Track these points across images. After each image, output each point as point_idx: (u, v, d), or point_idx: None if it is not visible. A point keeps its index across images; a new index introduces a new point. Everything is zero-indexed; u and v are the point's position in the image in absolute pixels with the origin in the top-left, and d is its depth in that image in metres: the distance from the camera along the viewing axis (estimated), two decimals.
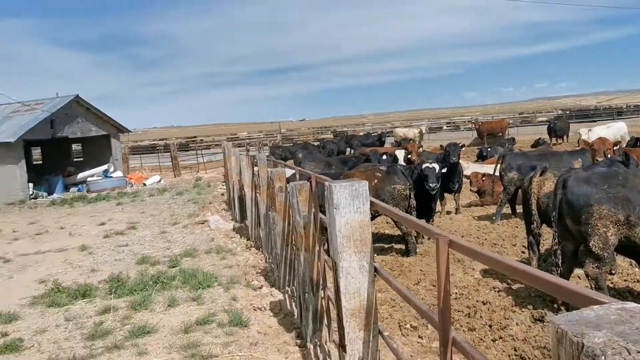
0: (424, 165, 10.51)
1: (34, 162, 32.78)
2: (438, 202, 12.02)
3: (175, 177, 30.35)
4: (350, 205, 3.41)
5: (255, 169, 11.02)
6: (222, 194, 19.95)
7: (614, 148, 11.38)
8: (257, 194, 10.58)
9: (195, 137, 78.41)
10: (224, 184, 22.88)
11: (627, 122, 31.57)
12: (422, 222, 3.08)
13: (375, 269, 3.50)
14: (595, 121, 38.01)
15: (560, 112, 55.61)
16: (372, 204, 3.50)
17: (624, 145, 15.70)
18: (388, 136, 37.57)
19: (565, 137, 32.40)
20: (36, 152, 35.61)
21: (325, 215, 4.12)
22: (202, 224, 13.84)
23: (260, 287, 8.15)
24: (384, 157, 15.07)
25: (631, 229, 5.99)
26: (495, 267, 2.12)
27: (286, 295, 7.47)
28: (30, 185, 24.70)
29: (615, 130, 23.71)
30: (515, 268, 1.85)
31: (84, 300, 7.92)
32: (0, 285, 9.38)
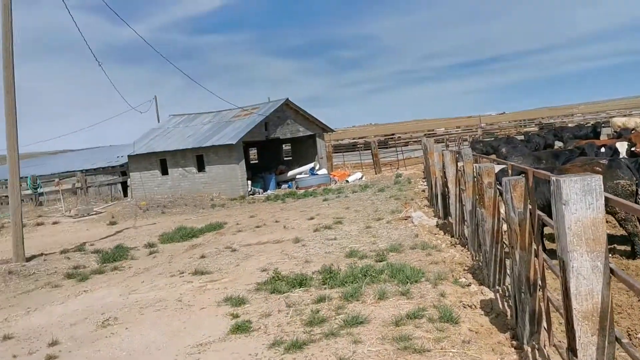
0: None
1: (251, 162, 36.13)
2: None
3: (376, 173, 31.13)
4: (582, 201, 3.19)
5: (459, 164, 10.83)
6: (423, 191, 19.95)
7: None
8: (462, 190, 10.39)
9: (393, 134, 79.54)
10: (424, 180, 22.86)
11: None
12: None
13: (612, 270, 3.22)
14: None
15: None
16: (607, 200, 3.23)
17: None
18: (604, 127, 34.17)
19: None
20: (252, 153, 39.22)
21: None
22: (405, 219, 14.00)
23: (469, 285, 7.99)
24: (602, 150, 13.74)
25: None
26: None
27: (497, 294, 7.23)
28: (249, 182, 27.30)
29: None
30: None
31: (301, 288, 8.53)
32: (229, 272, 10.52)
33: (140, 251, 13.92)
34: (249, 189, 27.08)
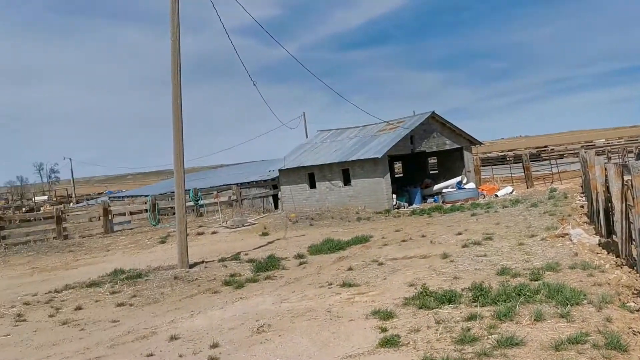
0: None
1: (396, 175, 36.10)
2: None
3: (527, 188, 29.56)
4: None
5: (626, 178, 9.91)
6: (582, 206, 18.57)
7: None
8: (629, 207, 9.49)
9: (545, 146, 75.13)
10: (582, 195, 21.30)
11: None
12: None
13: None
14: None
15: None
16: None
17: None
18: None
19: None
20: (397, 166, 39.20)
21: None
22: (563, 237, 13.11)
23: (639, 310, 7.27)
24: None
25: None
26: None
27: None
28: (394, 196, 27.29)
29: None
30: None
31: (450, 305, 8.32)
32: (377, 285, 10.57)
33: (291, 262, 14.48)
34: (394, 203, 27.06)
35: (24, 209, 67.86)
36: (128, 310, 10.99)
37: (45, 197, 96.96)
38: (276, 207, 33.70)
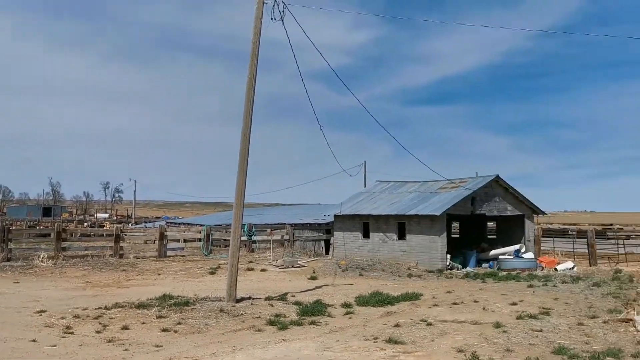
0: None
1: (452, 235, 35.35)
2: None
3: (590, 265, 28.26)
4: None
5: None
6: None
7: None
8: None
9: (611, 224, 72.05)
10: None
11: None
12: None
13: None
14: None
15: None
16: None
17: None
18: None
19: None
20: (454, 226, 38.42)
21: None
22: (627, 322, 12.35)
23: None
24: None
25: None
26: None
27: None
28: (448, 256, 26.66)
29: None
30: None
31: None
32: (424, 346, 10.20)
33: (337, 310, 14.25)
34: (448, 263, 26.40)
35: (85, 223, 70.46)
36: (172, 336, 11.04)
37: (107, 215, 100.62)
38: (327, 252, 33.53)
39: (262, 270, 23.98)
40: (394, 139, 26.52)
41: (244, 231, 28.55)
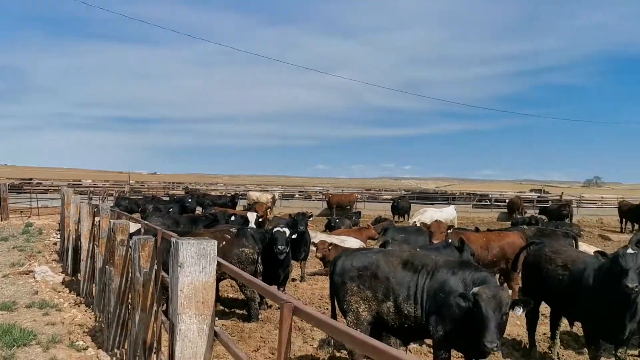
0: (274, 229, 10.54)
1: None
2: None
3: (2, 220, 27.45)
4: (196, 264, 3.26)
5: (97, 219, 10.30)
6: (55, 244, 18.33)
7: (448, 231, 12.26)
8: (95, 246, 9.84)
9: (31, 179, 72.21)
10: (58, 232, 21.11)
11: (458, 207, 34.83)
12: (271, 287, 3.01)
13: (216, 333, 3.33)
14: (432, 203, 41.14)
15: (403, 192, 59.43)
16: (219, 265, 3.38)
17: None
18: (241, 198, 37.59)
19: (406, 216, 34.62)
20: None
21: (168, 273, 3.90)
22: (27, 274, 12.51)
23: (86, 348, 7.44)
24: (233, 217, 14.96)
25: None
26: (339, 336, 2.11)
27: (114, 358, 6.89)
28: None
29: (446, 215, 25.76)
30: (356, 338, 1.84)
31: None
32: None
33: None
34: None
35: None
36: None
37: None
38: None
39: None
40: None
41: None
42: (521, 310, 5.63)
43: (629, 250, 6.60)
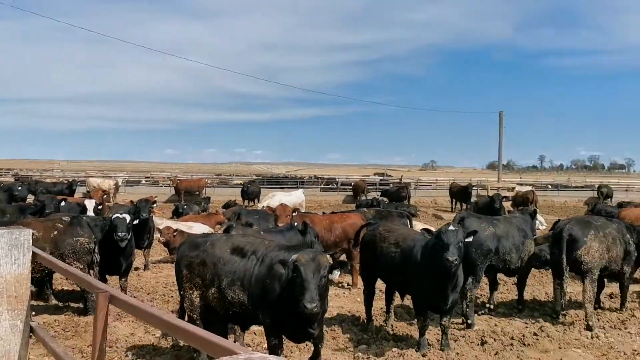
0: (113, 216, 10.05)
1: None
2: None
3: None
4: (7, 255, 2.99)
5: None
6: None
7: (293, 214, 12.60)
8: None
9: None
10: None
11: (307, 191, 35.80)
12: (88, 276, 2.85)
13: (32, 329, 3.10)
14: (282, 188, 41.82)
15: (254, 176, 59.66)
16: (34, 255, 3.13)
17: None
18: (81, 185, 35.24)
19: (256, 200, 34.86)
20: None
21: None
22: None
23: None
24: (63, 204, 14.10)
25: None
26: (153, 323, 2.06)
27: None
28: None
29: (295, 198, 26.42)
30: (171, 324, 1.82)
31: None
32: None
33: None
34: None
35: None
36: None
37: None
38: None
39: None
40: None
41: None
42: (338, 273, 5.86)
43: (451, 227, 7.29)
